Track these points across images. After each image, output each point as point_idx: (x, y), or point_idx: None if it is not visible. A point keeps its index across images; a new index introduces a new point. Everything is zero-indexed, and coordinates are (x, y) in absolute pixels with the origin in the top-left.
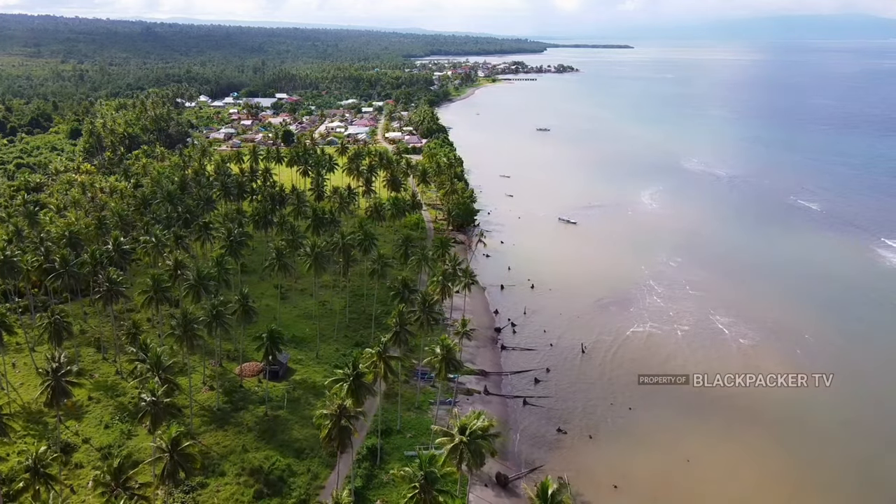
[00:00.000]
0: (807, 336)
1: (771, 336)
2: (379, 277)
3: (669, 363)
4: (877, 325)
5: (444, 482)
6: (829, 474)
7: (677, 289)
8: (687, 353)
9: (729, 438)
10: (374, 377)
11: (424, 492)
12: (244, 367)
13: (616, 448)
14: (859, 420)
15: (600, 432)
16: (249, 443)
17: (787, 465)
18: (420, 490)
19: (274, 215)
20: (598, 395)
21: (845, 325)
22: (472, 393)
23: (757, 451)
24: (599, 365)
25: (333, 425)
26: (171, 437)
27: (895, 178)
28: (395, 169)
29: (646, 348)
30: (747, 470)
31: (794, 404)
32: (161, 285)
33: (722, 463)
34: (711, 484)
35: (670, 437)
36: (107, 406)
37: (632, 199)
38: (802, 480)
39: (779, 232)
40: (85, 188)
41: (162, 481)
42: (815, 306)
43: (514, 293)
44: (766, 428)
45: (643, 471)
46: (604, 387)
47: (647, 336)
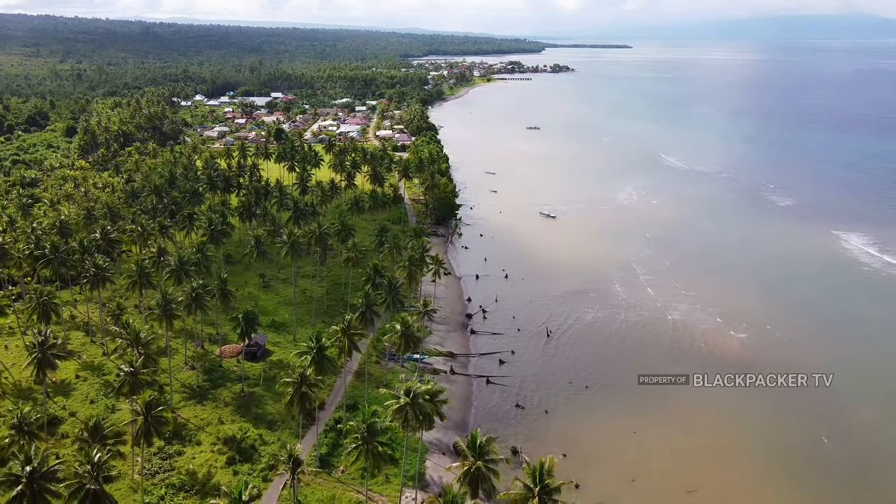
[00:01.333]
0: (746, 323)
1: (723, 321)
2: (354, 265)
3: (624, 344)
4: (812, 302)
5: (386, 436)
6: (766, 442)
7: (643, 278)
8: (637, 336)
9: (678, 413)
10: (338, 351)
11: (366, 442)
12: (224, 349)
13: (569, 421)
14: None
15: (556, 408)
16: (225, 416)
17: (733, 439)
18: (362, 441)
19: (258, 208)
20: (558, 374)
21: (789, 304)
22: (439, 373)
23: (702, 423)
24: (562, 347)
25: (295, 392)
26: (145, 400)
27: (867, 175)
28: (377, 164)
29: (605, 332)
30: (691, 441)
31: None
32: (144, 270)
33: (667, 435)
34: (654, 453)
35: (621, 413)
36: (93, 384)
37: (612, 195)
38: (742, 449)
39: (749, 225)
40: (77, 183)
41: (136, 441)
42: (769, 293)
43: (489, 282)
44: (716, 404)
45: (591, 441)
46: (564, 367)
47: (607, 321)
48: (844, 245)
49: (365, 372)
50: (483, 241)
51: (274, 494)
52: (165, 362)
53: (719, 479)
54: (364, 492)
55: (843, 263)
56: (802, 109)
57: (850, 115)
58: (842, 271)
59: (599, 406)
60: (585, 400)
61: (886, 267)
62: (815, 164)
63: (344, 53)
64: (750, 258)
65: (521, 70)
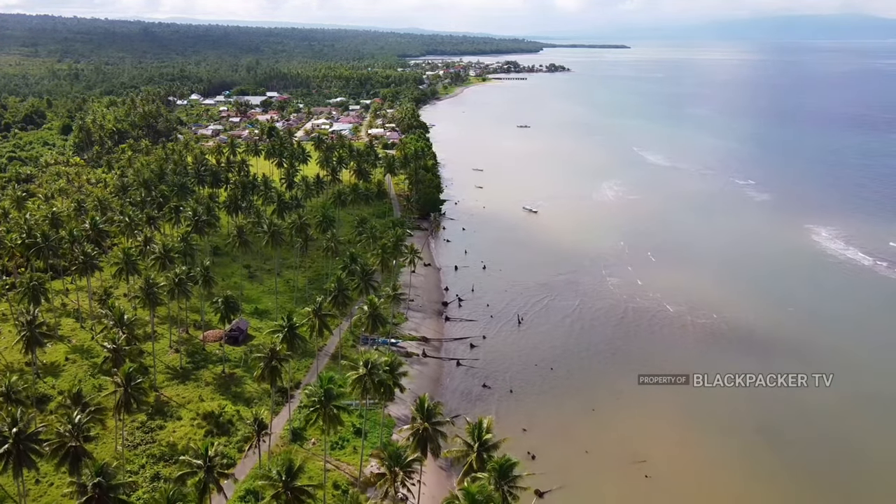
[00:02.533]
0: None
1: (685, 307)
2: (333, 254)
3: (590, 329)
4: (773, 290)
5: (341, 400)
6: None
7: (614, 269)
8: (602, 321)
9: (636, 392)
10: (310, 331)
11: (323, 406)
12: (207, 334)
13: (532, 400)
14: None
15: (520, 387)
16: (206, 394)
17: (686, 415)
18: (319, 404)
19: (244, 201)
20: (526, 358)
21: (748, 291)
22: (412, 356)
23: (657, 399)
24: (532, 333)
25: (266, 366)
26: (125, 372)
27: (845, 170)
28: (362, 160)
29: (573, 319)
30: (646, 417)
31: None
32: (131, 258)
33: (623, 413)
34: (609, 428)
35: (582, 392)
36: (82, 365)
37: (593, 191)
38: (694, 425)
39: (723, 219)
40: (70, 178)
41: (117, 410)
42: (731, 282)
43: (468, 273)
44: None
45: (551, 417)
46: (532, 351)
47: (575, 309)
48: (814, 237)
49: (339, 354)
50: (465, 234)
51: (249, 463)
52: (148, 346)
53: (668, 450)
54: (332, 461)
55: (810, 254)
56: (790, 108)
57: (835, 113)
58: (806, 261)
59: (562, 386)
60: (549, 381)
61: (850, 258)
62: (795, 161)
63: (342, 53)
64: (719, 251)
65: (518, 70)
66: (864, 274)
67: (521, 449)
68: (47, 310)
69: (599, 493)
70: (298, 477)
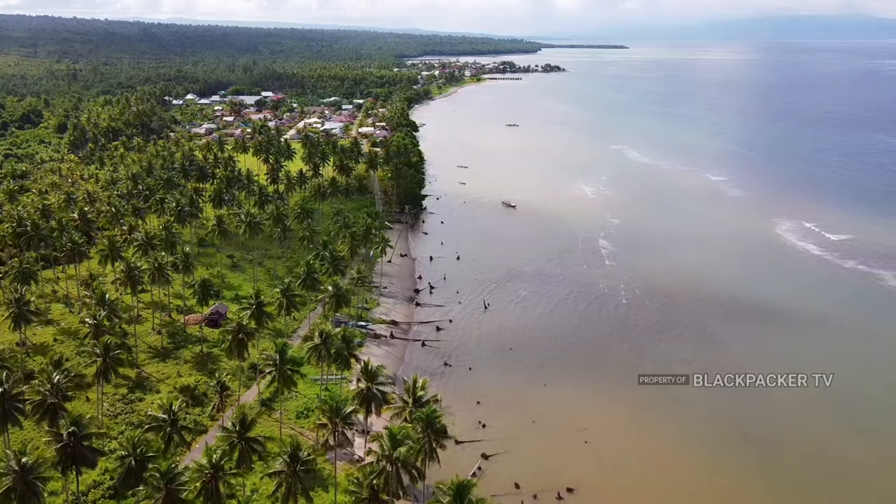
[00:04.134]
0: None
1: (637, 299)
2: (309, 242)
3: (551, 313)
4: (727, 276)
5: (294, 364)
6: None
7: (582, 259)
8: (564, 307)
9: (588, 371)
10: (278, 309)
11: (278, 367)
12: (189, 318)
13: (488, 376)
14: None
15: (479, 365)
16: (184, 371)
17: (630, 390)
18: (274, 366)
19: (227, 194)
20: (488, 339)
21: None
22: (380, 337)
23: (606, 374)
24: (496, 317)
25: (233, 339)
26: (104, 343)
27: (819, 167)
28: (344, 156)
29: (537, 304)
30: (592, 391)
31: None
32: (115, 245)
33: (573, 389)
34: (558, 402)
35: (537, 370)
36: (69, 345)
37: (573, 186)
38: (635, 399)
39: (695, 213)
40: (62, 173)
41: (96, 378)
42: (690, 271)
43: (442, 263)
44: (625, 361)
45: (505, 392)
46: (495, 334)
47: (540, 296)
48: (776, 230)
49: (312, 336)
50: (444, 227)
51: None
52: (137, 329)
53: (610, 422)
54: (296, 427)
55: (770, 244)
56: (776, 107)
57: (819, 112)
58: (765, 250)
59: (518, 365)
60: (507, 360)
61: (804, 248)
62: (772, 158)
63: (340, 53)
64: (684, 242)
65: (513, 70)
66: (810, 261)
67: (474, 419)
68: (38, 296)
69: (540, 456)
70: (251, 429)
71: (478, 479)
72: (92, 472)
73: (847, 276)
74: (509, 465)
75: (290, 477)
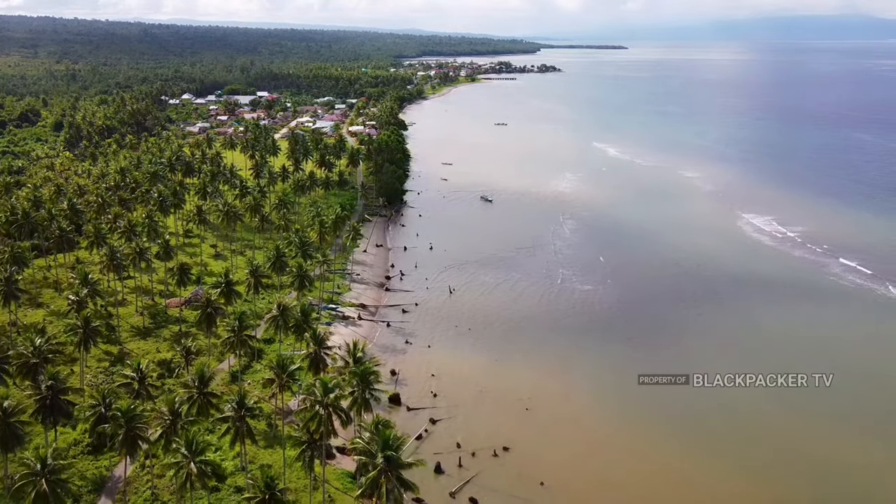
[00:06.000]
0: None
1: (597, 284)
2: (285, 231)
3: (517, 301)
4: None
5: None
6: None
7: (549, 249)
8: (524, 293)
9: (539, 349)
10: (247, 289)
11: (236, 333)
12: (170, 301)
13: (445, 353)
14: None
15: (438, 343)
16: (163, 347)
17: (570, 366)
18: (233, 333)
19: (211, 187)
20: (449, 321)
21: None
22: (348, 318)
23: (551, 353)
24: (460, 301)
25: (202, 312)
26: (84, 316)
27: (793, 163)
28: (326, 152)
29: (498, 290)
30: (540, 367)
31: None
32: (100, 232)
33: (522, 365)
34: (506, 375)
35: (492, 348)
36: (58, 326)
37: (551, 182)
38: (573, 375)
39: (663, 207)
40: (55, 168)
41: (77, 347)
42: (654, 262)
43: (415, 253)
44: (570, 342)
45: (458, 366)
46: (457, 316)
47: (502, 282)
48: (739, 223)
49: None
50: (421, 220)
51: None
52: (121, 311)
53: (552, 393)
54: (264, 396)
55: (734, 236)
56: (762, 106)
57: (804, 111)
58: (730, 242)
59: (475, 343)
60: (465, 339)
61: (763, 239)
62: (748, 155)
63: (338, 54)
64: (652, 234)
65: (509, 70)
66: (763, 250)
67: (427, 389)
68: (30, 282)
69: (482, 421)
70: (209, 385)
71: (424, 439)
72: (72, 432)
73: (797, 264)
74: (454, 428)
75: (238, 421)
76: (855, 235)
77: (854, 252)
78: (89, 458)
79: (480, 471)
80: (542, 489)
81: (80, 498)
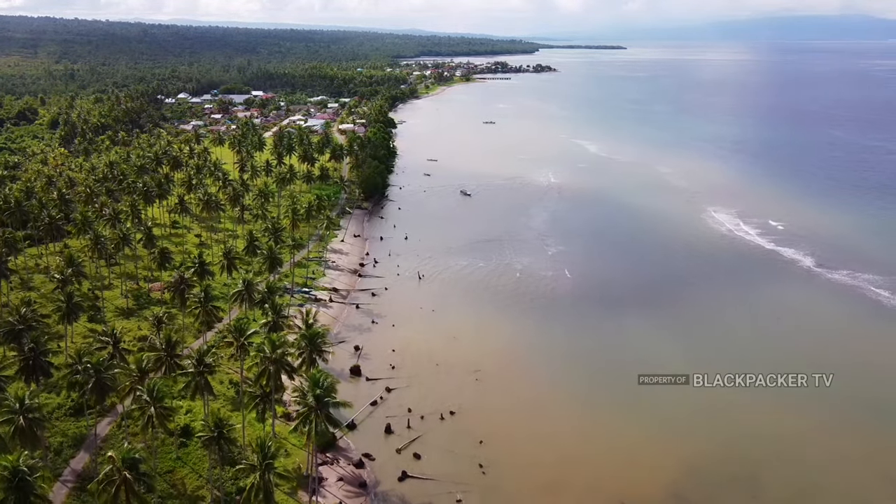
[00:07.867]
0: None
1: (560, 270)
2: (262, 219)
3: (483, 287)
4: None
5: (218, 302)
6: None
7: (518, 240)
8: (488, 278)
9: (495, 327)
10: (220, 269)
11: (203, 304)
12: (154, 285)
13: (408, 330)
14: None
15: (402, 322)
16: (144, 326)
17: (520, 343)
18: (200, 304)
19: (196, 180)
20: (415, 302)
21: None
22: (320, 301)
23: (507, 329)
24: (428, 287)
25: (176, 289)
26: (68, 292)
27: (767, 161)
28: (309, 147)
29: (465, 277)
30: (494, 342)
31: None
32: (88, 219)
33: (478, 341)
34: (461, 349)
35: (450, 326)
36: (48, 307)
37: (530, 177)
38: (525, 351)
39: (638, 201)
40: (48, 162)
41: (61, 320)
42: (618, 251)
43: (391, 243)
44: (524, 322)
45: (418, 342)
46: (422, 298)
47: (470, 270)
48: (701, 216)
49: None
50: (400, 213)
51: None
52: (107, 294)
53: (501, 365)
54: (235, 369)
55: (702, 230)
56: (751, 105)
57: (790, 110)
58: (696, 234)
59: (436, 322)
60: (428, 318)
61: (730, 231)
62: (724, 152)
63: (337, 54)
64: (622, 225)
65: (505, 70)
66: (722, 241)
67: (386, 362)
68: (22, 268)
69: (434, 389)
70: (176, 348)
71: (379, 405)
72: (56, 398)
73: (754, 254)
74: (407, 395)
75: (197, 376)
76: (810, 225)
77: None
78: (71, 419)
79: (426, 431)
80: (480, 446)
81: (60, 451)
